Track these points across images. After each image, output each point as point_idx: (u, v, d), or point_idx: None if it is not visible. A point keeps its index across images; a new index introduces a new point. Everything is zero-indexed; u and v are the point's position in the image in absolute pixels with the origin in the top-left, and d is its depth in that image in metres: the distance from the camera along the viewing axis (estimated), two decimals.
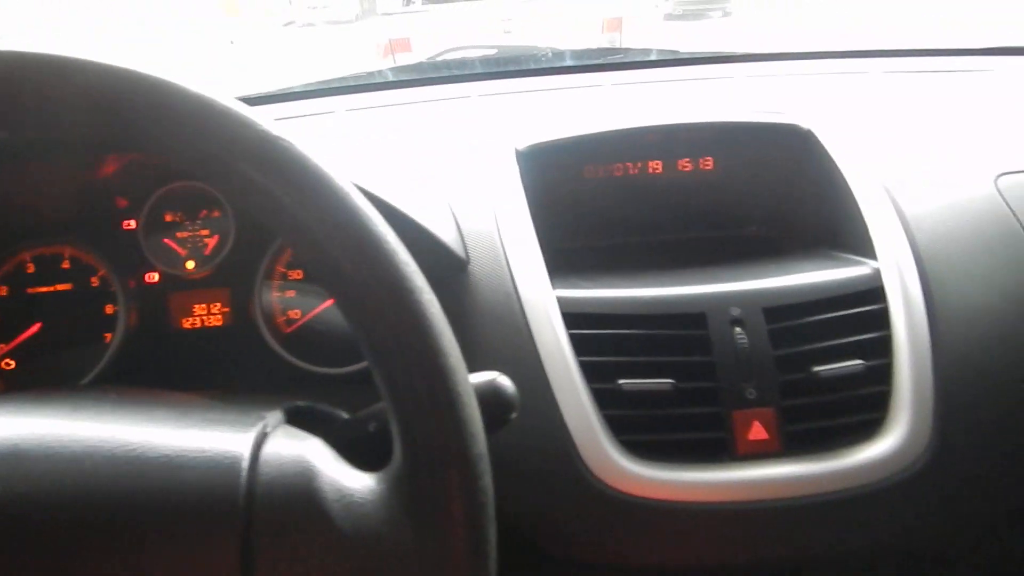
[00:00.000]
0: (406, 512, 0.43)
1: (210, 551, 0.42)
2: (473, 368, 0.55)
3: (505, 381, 0.56)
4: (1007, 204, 0.82)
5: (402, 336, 0.44)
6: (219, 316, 0.84)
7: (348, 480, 0.45)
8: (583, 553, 0.66)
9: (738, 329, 0.68)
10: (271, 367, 0.81)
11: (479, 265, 0.74)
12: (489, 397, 0.55)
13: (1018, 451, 0.70)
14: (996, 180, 0.84)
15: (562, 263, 0.78)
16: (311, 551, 0.43)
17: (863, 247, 0.77)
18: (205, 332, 0.83)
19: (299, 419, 0.56)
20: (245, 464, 0.44)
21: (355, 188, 0.45)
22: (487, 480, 0.44)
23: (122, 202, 0.84)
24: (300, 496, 0.44)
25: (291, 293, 0.82)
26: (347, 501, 0.44)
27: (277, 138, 0.44)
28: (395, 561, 0.43)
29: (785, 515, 0.65)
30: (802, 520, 0.65)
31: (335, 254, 0.44)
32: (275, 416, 0.55)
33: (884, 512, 0.66)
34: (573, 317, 0.70)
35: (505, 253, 0.74)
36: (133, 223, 0.83)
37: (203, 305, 0.84)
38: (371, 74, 1.21)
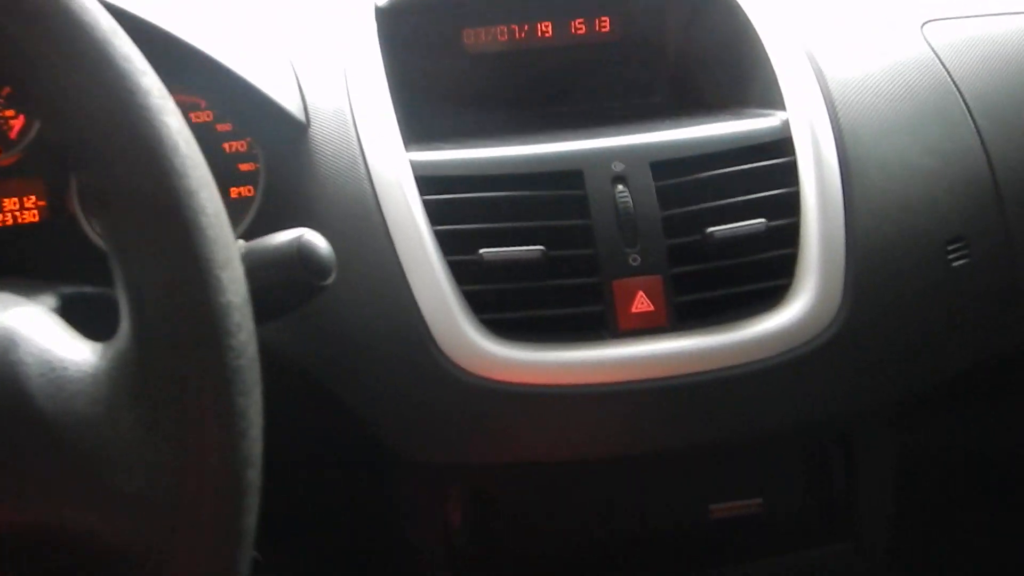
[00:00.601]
0: (132, 393, 0.33)
1: None
2: None
3: (316, 238, 0.46)
4: (934, 52, 0.72)
5: (120, 150, 0.33)
6: (34, 211, 0.71)
7: (63, 351, 0.34)
8: (441, 452, 0.57)
9: (620, 187, 0.58)
10: (101, 266, 0.69)
11: (321, 128, 0.62)
12: (294, 258, 0.45)
13: (936, 319, 0.62)
14: (922, 27, 0.75)
15: (424, 131, 0.67)
16: None
17: (772, 99, 0.67)
18: (19, 230, 0.71)
19: (84, 307, 0.45)
20: None
21: None
22: (242, 340, 0.34)
23: None
24: None
25: None
26: (55, 376, 0.33)
27: None
28: (114, 455, 0.32)
29: (674, 396, 0.56)
30: (694, 401, 0.56)
31: (32, 49, 0.33)
32: (45, 299, 0.44)
33: (786, 390, 0.58)
34: (428, 181, 0.59)
35: (353, 115, 0.63)
36: None
37: (14, 199, 0.71)
38: None
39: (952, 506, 0.80)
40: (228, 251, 0.34)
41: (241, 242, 0.45)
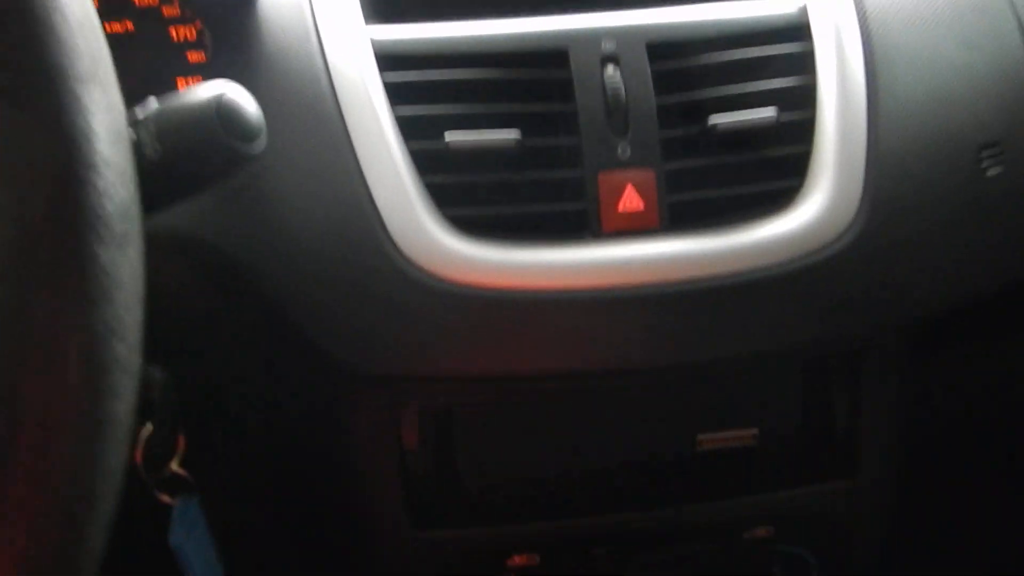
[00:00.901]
0: None
1: None
2: None
3: (240, 95, 0.39)
4: None
5: None
6: None
7: None
8: (396, 363, 0.50)
9: (611, 69, 0.51)
10: None
11: (271, 1, 0.55)
12: (212, 117, 0.38)
13: (963, 231, 0.54)
14: None
15: (390, 11, 0.59)
16: None
17: None
18: None
19: None
20: None
21: None
22: (109, 179, 0.27)
23: None
24: None
25: None
26: None
27: None
28: None
29: (664, 304, 0.49)
30: (686, 310, 0.50)
31: None
32: None
33: (790, 302, 0.51)
34: (389, 59, 0.52)
35: None
36: None
37: None
38: None
39: (965, 448, 0.74)
40: (94, 64, 0.27)
41: (152, 99, 0.39)
